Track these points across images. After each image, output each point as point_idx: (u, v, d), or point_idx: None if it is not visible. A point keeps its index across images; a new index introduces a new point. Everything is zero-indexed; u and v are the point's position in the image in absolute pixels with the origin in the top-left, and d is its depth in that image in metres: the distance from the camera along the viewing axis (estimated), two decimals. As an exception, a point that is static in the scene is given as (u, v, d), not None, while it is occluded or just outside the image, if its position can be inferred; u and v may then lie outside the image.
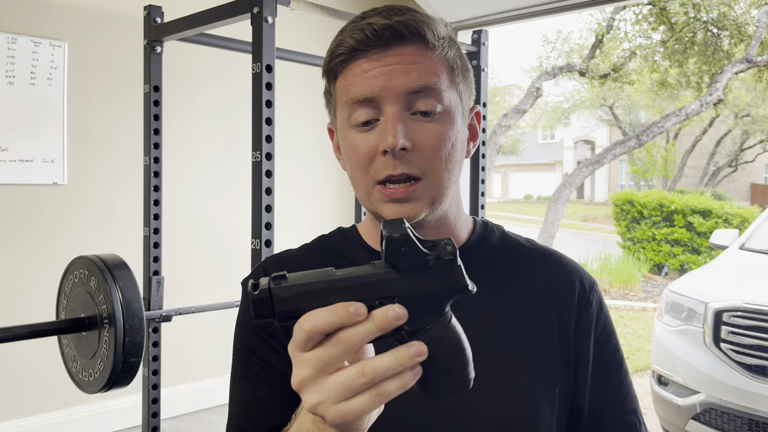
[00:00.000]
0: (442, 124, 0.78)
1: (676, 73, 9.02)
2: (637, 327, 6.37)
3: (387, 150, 0.75)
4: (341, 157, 0.86)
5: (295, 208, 3.74)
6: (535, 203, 26.34)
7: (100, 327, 1.62)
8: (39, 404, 2.97)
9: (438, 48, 0.78)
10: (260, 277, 0.76)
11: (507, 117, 7.68)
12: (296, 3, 1.96)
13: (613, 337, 0.87)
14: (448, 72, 0.79)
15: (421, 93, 0.76)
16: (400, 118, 0.75)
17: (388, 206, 0.77)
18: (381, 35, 0.75)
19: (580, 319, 0.85)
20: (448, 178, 0.79)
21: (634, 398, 0.87)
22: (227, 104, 3.52)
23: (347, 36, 0.77)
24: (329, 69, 0.80)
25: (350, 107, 0.78)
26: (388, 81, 0.75)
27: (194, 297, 3.18)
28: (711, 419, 2.88)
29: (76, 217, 3.06)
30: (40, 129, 2.93)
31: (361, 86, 0.76)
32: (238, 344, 0.85)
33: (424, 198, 0.77)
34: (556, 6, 3.01)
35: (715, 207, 9.11)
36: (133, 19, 2.98)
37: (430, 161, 0.77)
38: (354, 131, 0.78)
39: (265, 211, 1.80)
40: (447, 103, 0.78)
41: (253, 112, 1.81)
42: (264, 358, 0.81)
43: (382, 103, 0.76)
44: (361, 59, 0.77)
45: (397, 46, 0.76)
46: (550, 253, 0.90)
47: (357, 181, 0.80)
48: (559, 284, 0.86)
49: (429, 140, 0.76)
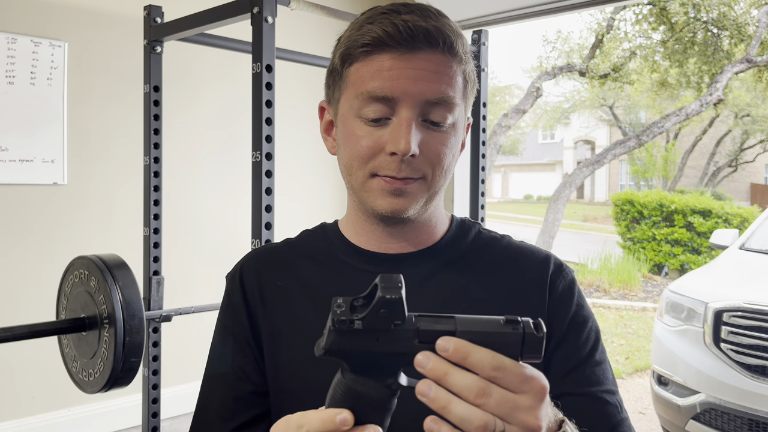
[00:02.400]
0: (449, 134, 0.78)
1: (676, 73, 9.02)
2: (637, 327, 6.37)
3: (396, 152, 0.75)
4: (329, 138, 0.86)
5: (295, 208, 3.74)
6: (535, 203, 26.34)
7: (100, 327, 1.62)
8: (39, 404, 2.97)
9: (462, 62, 0.78)
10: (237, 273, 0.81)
11: (507, 117, 7.68)
12: (296, 3, 1.96)
13: (588, 322, 0.84)
14: (463, 85, 0.79)
15: (437, 104, 0.76)
16: (415, 123, 0.75)
17: (383, 197, 0.78)
18: (414, 36, 0.74)
19: (552, 309, 0.83)
20: (442, 183, 0.81)
21: (611, 381, 0.83)
22: (227, 104, 3.52)
23: (377, 26, 0.75)
24: (348, 53, 0.78)
25: (364, 100, 0.76)
26: (410, 85, 0.74)
27: (194, 297, 3.18)
28: (711, 419, 2.88)
29: (76, 217, 3.06)
30: (40, 129, 2.93)
31: (382, 83, 0.75)
32: (215, 340, 0.90)
33: (418, 196, 0.79)
34: (556, 6, 3.01)
35: (715, 207, 9.11)
36: (133, 19, 2.98)
37: (433, 168, 0.78)
38: (360, 122, 0.78)
39: (265, 211, 1.80)
40: (457, 116, 0.79)
41: (253, 112, 1.81)
42: (231, 357, 0.86)
43: (399, 104, 0.75)
44: (386, 54, 0.75)
45: (427, 50, 0.75)
46: (522, 247, 0.89)
47: (353, 170, 0.80)
48: (529, 278, 0.85)
49: (436, 149, 0.77)
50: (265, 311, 0.86)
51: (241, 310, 0.87)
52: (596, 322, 0.87)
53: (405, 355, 0.53)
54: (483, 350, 0.51)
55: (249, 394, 0.84)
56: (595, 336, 0.85)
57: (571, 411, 0.77)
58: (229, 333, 0.88)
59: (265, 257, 0.91)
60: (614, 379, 0.85)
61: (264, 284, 0.87)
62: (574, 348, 0.82)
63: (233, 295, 0.89)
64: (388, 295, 0.52)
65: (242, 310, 0.87)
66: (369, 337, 0.53)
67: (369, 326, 0.52)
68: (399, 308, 0.52)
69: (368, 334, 0.53)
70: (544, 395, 0.52)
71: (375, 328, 0.52)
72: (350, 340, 0.53)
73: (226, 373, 0.86)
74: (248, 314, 0.86)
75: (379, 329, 0.53)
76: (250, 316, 0.86)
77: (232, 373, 0.85)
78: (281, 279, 0.87)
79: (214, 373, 0.88)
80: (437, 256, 0.86)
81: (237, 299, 0.88)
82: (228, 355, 0.87)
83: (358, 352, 0.53)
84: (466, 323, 0.53)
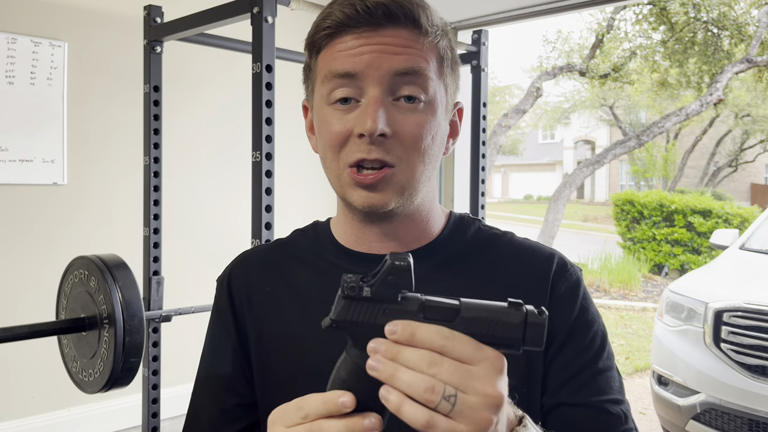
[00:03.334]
0: (425, 114, 0.74)
1: (676, 73, 9.02)
2: (637, 327, 6.37)
3: (363, 134, 0.71)
4: (313, 137, 0.83)
5: (294, 208, 3.74)
6: (535, 203, 26.33)
7: (100, 327, 1.62)
8: (39, 404, 2.97)
9: (431, 35, 0.74)
10: (225, 278, 0.79)
11: (507, 117, 7.68)
12: (296, 3, 1.96)
13: (592, 325, 0.79)
14: (438, 61, 0.76)
15: (407, 76, 0.72)
16: (382, 102, 0.72)
17: (357, 192, 0.74)
18: (373, 13, 0.72)
19: (553, 310, 0.77)
20: (423, 170, 0.75)
21: (617, 389, 0.77)
22: (227, 104, 3.52)
23: (336, 9, 0.73)
24: (313, 42, 0.77)
25: (330, 82, 0.74)
26: (374, 59, 0.71)
27: (194, 297, 3.17)
28: (711, 419, 2.88)
29: (76, 217, 3.06)
30: (40, 129, 2.93)
31: (345, 61, 0.72)
32: (204, 348, 0.88)
33: (394, 186, 0.74)
34: (556, 6, 3.00)
35: (715, 207, 9.11)
36: (133, 19, 2.98)
37: (408, 151, 0.73)
38: (330, 109, 0.75)
39: (265, 211, 1.80)
40: (432, 93, 0.74)
41: (253, 112, 1.81)
42: (218, 366, 0.84)
43: (365, 82, 0.72)
44: (348, 35, 0.73)
45: (389, 26, 0.72)
46: (525, 245, 0.84)
47: (328, 162, 0.77)
48: (531, 275, 0.80)
49: (410, 129, 0.73)
50: (252, 318, 0.83)
51: (228, 317, 0.85)
52: (603, 326, 0.81)
53: None
54: (429, 326, 0.51)
55: (234, 407, 0.82)
56: (600, 341, 0.79)
57: (567, 422, 0.74)
58: (216, 341, 0.86)
59: (253, 260, 0.88)
60: (622, 387, 0.79)
61: (252, 290, 0.85)
62: (575, 354, 0.77)
63: (221, 302, 0.87)
64: (398, 262, 0.53)
65: (229, 318, 0.85)
66: (376, 308, 0.54)
67: (377, 294, 0.53)
68: (407, 276, 0.53)
69: (376, 304, 0.54)
70: (500, 365, 0.52)
71: (383, 296, 0.53)
72: (357, 310, 0.54)
73: (213, 383, 0.84)
74: (235, 321, 0.84)
75: (386, 298, 0.53)
76: (237, 323, 0.84)
77: (219, 384, 0.84)
78: (269, 284, 0.84)
79: (203, 381, 0.86)
80: (432, 256, 0.81)
81: (224, 306, 0.86)
82: (215, 364, 0.85)
83: (365, 324, 0.54)
84: (470, 304, 0.54)
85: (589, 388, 0.76)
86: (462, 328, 0.53)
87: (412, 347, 0.51)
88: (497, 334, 0.53)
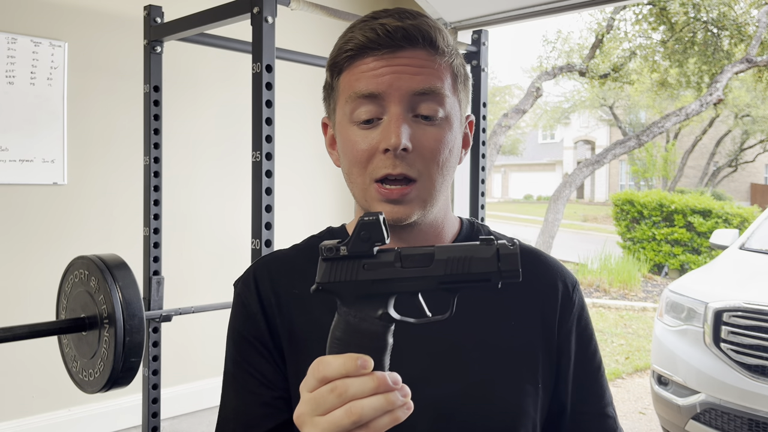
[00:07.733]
0: (442, 129, 0.79)
1: (676, 73, 9.02)
2: (637, 327, 6.37)
3: (389, 149, 0.76)
4: (334, 152, 0.87)
5: (295, 208, 3.74)
6: (535, 203, 26.34)
7: (100, 327, 1.62)
8: (39, 404, 2.97)
9: (446, 55, 0.80)
10: (250, 279, 0.81)
11: (507, 117, 7.68)
12: (296, 3, 1.96)
13: (593, 338, 0.90)
14: (452, 79, 0.81)
15: (425, 96, 0.77)
16: (404, 118, 0.76)
17: (383, 206, 0.79)
18: (393, 36, 0.76)
19: (563, 317, 0.86)
20: (441, 182, 0.81)
21: (610, 396, 0.90)
22: (227, 104, 3.52)
23: (358, 33, 0.78)
24: (335, 63, 0.81)
25: (354, 102, 0.78)
26: (395, 80, 0.76)
27: (194, 297, 3.18)
28: (711, 419, 2.88)
29: (76, 217, 3.06)
30: (40, 129, 2.93)
31: (368, 82, 0.77)
32: (231, 349, 0.87)
33: (417, 200, 0.79)
34: (556, 6, 3.01)
35: (715, 207, 9.11)
36: (133, 19, 2.98)
37: (428, 164, 0.78)
38: (355, 128, 0.79)
39: (265, 211, 1.80)
40: (448, 109, 0.79)
41: (253, 112, 1.81)
42: (253, 365, 0.84)
43: (387, 101, 0.77)
44: (369, 57, 0.77)
45: (408, 48, 0.77)
46: (533, 252, 0.90)
47: (354, 177, 0.81)
48: (542, 283, 0.87)
49: (429, 144, 0.78)
50: (282, 319, 0.84)
51: (259, 317, 0.85)
52: (593, 330, 0.91)
53: (391, 281, 0.57)
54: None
55: (275, 399, 0.82)
56: (595, 347, 0.90)
57: (579, 427, 0.86)
58: (246, 341, 0.85)
59: (275, 264, 0.89)
60: (608, 384, 0.91)
61: (279, 292, 0.86)
62: (584, 363, 0.87)
63: (249, 303, 0.86)
64: (367, 218, 0.57)
65: (260, 318, 0.85)
66: (355, 264, 0.58)
67: (353, 251, 0.58)
68: (377, 229, 0.57)
69: (354, 261, 0.58)
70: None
71: (359, 252, 0.58)
72: (339, 270, 0.58)
73: (248, 381, 0.84)
74: (266, 321, 0.84)
75: (363, 254, 0.57)
76: (268, 323, 0.84)
77: (256, 381, 0.83)
78: (296, 286, 0.85)
79: (235, 382, 0.85)
80: None
81: (253, 307, 0.85)
82: (248, 363, 0.84)
83: (348, 282, 0.57)
84: (444, 247, 0.58)
85: (596, 396, 0.88)
86: (439, 271, 0.57)
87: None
88: (473, 270, 0.57)
